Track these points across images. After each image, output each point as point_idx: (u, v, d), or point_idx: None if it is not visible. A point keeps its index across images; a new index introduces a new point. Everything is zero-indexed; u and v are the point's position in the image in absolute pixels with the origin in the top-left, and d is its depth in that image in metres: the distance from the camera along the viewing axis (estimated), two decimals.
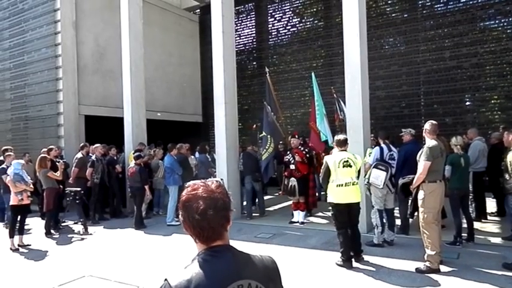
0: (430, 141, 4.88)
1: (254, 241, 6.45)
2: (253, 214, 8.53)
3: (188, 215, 1.21)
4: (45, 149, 8.62)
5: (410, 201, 5.32)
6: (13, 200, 6.72)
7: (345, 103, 8.68)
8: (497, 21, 10.82)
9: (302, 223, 7.61)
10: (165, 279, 1.16)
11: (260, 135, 8.71)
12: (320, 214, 8.54)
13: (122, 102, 10.22)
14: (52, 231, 7.79)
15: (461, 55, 10.88)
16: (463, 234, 5.78)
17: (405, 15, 11.90)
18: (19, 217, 6.84)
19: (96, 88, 11.99)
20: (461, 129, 9.72)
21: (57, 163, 8.02)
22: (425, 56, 11.44)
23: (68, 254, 6.36)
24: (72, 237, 7.56)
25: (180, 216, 1.25)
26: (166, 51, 14.45)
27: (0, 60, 12.70)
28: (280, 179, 10.69)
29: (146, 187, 8.16)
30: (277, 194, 11.51)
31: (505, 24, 10.75)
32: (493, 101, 11.05)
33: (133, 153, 8.91)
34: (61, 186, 8.14)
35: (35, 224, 8.60)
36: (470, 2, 10.94)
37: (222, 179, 1.33)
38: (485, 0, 10.76)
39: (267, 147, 8.33)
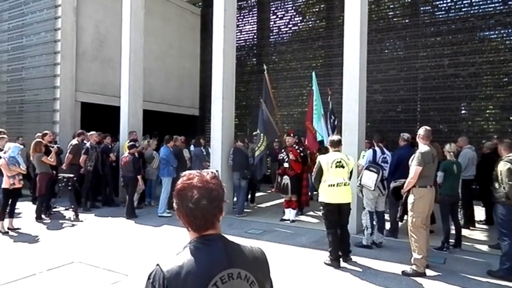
0: (422, 147, 4.95)
1: (244, 236, 6.50)
2: (246, 210, 8.57)
3: (182, 203, 1.24)
4: (40, 134, 8.60)
5: (400, 204, 5.38)
6: (5, 183, 6.70)
7: (333, 111, 8.76)
8: (496, 32, 10.90)
9: (293, 221, 7.66)
10: (157, 265, 1.19)
11: (254, 133, 8.73)
12: (311, 213, 8.60)
13: (119, 91, 10.18)
14: (43, 216, 7.79)
15: (459, 63, 10.96)
16: (450, 240, 5.86)
17: (406, 21, 11.96)
18: (10, 200, 6.83)
19: (94, 75, 11.94)
20: (456, 136, 9.78)
21: (51, 148, 7.99)
22: (424, 62, 11.51)
23: (57, 239, 6.36)
24: (63, 223, 7.55)
25: (174, 204, 1.28)
26: (167, 42, 14.41)
27: None
28: (273, 176, 10.75)
29: (139, 177, 8.16)
30: (269, 191, 11.56)
31: (504, 35, 10.84)
32: (488, 111, 11.16)
33: (129, 143, 8.92)
34: (54, 172, 8.13)
35: (26, 208, 8.58)
36: (471, 11, 11.00)
37: (217, 171, 1.36)
38: (485, 10, 10.84)
39: (259, 145, 8.36)
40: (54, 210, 8.36)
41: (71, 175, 8.10)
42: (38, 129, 9.70)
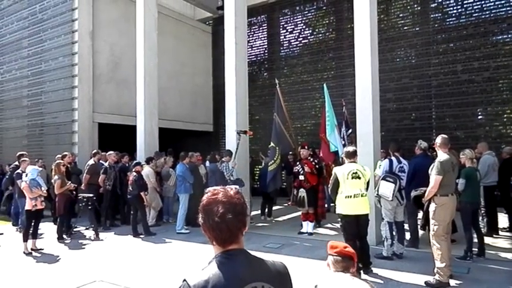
0: (441, 155, 4.90)
1: (263, 250, 6.47)
2: (263, 224, 8.56)
3: (208, 218, 1.29)
4: (60, 155, 8.83)
5: (422, 213, 5.31)
6: (28, 205, 6.87)
7: (348, 124, 8.80)
8: (510, 36, 10.80)
9: (311, 234, 7.61)
10: (184, 280, 1.23)
11: (269, 146, 8.79)
12: (329, 225, 8.53)
13: (135, 110, 10.41)
14: (64, 236, 7.92)
15: (473, 69, 10.86)
16: (473, 249, 5.73)
17: (417, 29, 11.95)
18: (33, 222, 6.99)
19: (110, 96, 12.23)
20: (473, 143, 9.65)
21: (67, 183, 8.06)
22: (437, 69, 11.44)
23: (79, 259, 6.46)
24: (84, 242, 7.67)
25: (199, 219, 1.32)
26: (180, 61, 14.70)
27: (18, 68, 13.09)
28: (289, 189, 10.73)
29: (142, 194, 8.12)
30: (286, 204, 11.52)
31: None
32: (505, 115, 10.97)
33: (145, 161, 9.07)
34: (74, 192, 8.30)
35: (48, 229, 8.75)
36: (483, 16, 10.95)
37: (238, 187, 1.41)
38: (497, 14, 10.77)
39: (275, 159, 8.40)
40: (75, 230, 8.50)
41: (91, 195, 8.25)
42: (57, 151, 9.95)
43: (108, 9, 12.27)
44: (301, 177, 7.66)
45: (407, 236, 6.47)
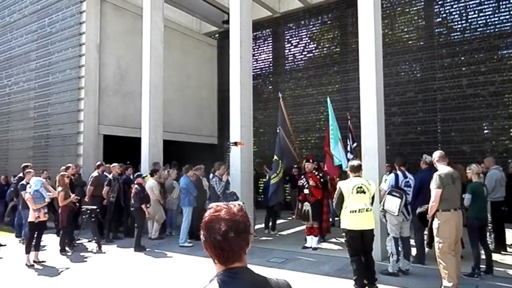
0: (441, 169, 4.85)
1: (266, 265, 6.39)
2: (267, 238, 8.47)
3: (210, 236, 1.25)
4: (64, 167, 8.86)
5: (427, 230, 5.23)
6: (31, 217, 6.86)
7: (353, 137, 8.81)
8: None
9: (315, 249, 7.51)
10: None
11: (273, 159, 8.78)
12: (333, 240, 8.43)
13: (140, 122, 10.44)
14: (67, 248, 7.88)
15: (478, 83, 10.84)
16: (481, 266, 5.62)
17: (421, 43, 11.99)
18: (36, 233, 6.96)
19: (115, 109, 12.31)
20: (480, 157, 9.55)
21: (71, 195, 8.04)
22: (442, 83, 11.43)
23: (81, 272, 6.41)
24: (86, 255, 7.62)
25: (201, 236, 1.29)
26: (185, 74, 14.81)
27: (26, 80, 13.24)
28: (294, 203, 10.65)
29: (143, 206, 8.06)
30: (290, 218, 11.42)
31: None
32: None
33: (149, 173, 9.06)
34: (77, 204, 8.29)
35: (50, 241, 8.72)
36: (487, 31, 10.97)
37: (243, 203, 1.38)
38: (502, 29, 10.79)
39: (277, 172, 8.37)
40: (77, 242, 8.46)
41: (94, 207, 8.22)
42: (62, 163, 9.98)
43: (115, 23, 12.44)
44: (306, 191, 7.61)
45: (414, 251, 6.37)
